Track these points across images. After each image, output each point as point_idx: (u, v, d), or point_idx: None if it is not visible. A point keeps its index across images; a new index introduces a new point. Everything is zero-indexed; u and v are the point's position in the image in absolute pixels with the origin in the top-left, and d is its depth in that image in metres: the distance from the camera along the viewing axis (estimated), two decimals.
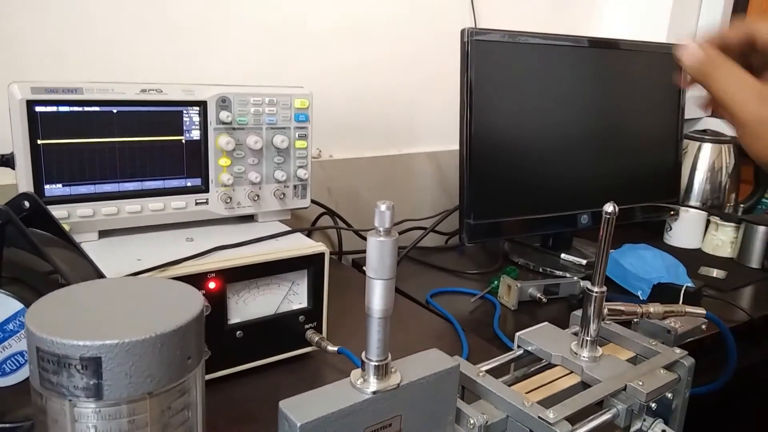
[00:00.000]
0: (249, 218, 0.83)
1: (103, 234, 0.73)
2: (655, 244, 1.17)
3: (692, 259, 1.22)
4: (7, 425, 0.47)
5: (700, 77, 0.50)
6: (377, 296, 0.42)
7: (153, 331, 0.36)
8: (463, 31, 0.99)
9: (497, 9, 1.35)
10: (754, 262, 1.24)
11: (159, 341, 0.36)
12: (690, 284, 1.01)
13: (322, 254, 0.73)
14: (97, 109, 0.69)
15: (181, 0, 0.97)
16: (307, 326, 0.74)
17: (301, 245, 0.74)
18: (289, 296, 0.73)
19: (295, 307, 0.73)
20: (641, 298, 1.03)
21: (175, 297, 0.42)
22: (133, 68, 0.95)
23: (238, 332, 0.69)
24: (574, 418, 0.50)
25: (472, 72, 0.99)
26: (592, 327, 0.58)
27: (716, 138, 1.42)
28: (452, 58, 1.01)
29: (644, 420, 0.56)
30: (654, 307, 0.64)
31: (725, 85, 0.48)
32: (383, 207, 0.41)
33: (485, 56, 1.01)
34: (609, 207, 0.56)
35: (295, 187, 0.84)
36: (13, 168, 0.67)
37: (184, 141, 0.75)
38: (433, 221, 1.16)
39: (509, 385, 0.54)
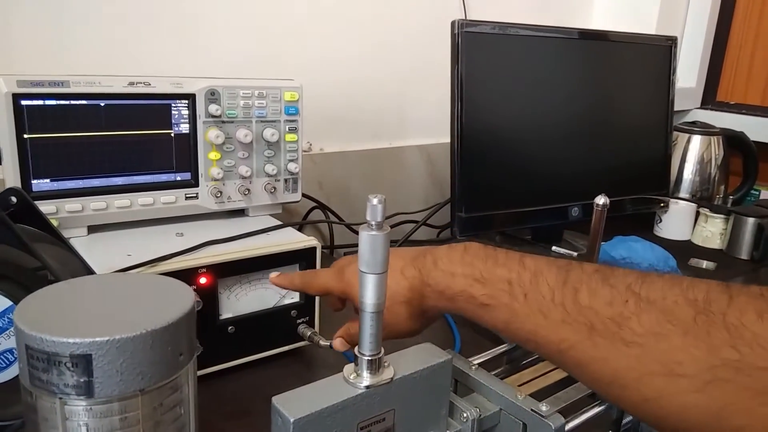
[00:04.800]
0: (240, 212, 0.82)
1: (93, 229, 0.72)
2: (645, 236, 1.17)
3: (682, 250, 1.23)
4: None
5: (300, 287, 0.62)
6: (370, 290, 0.42)
7: (144, 328, 0.36)
8: (453, 23, 0.98)
9: (487, 1, 1.34)
10: (744, 253, 1.25)
11: (150, 338, 0.36)
12: None
13: (314, 248, 0.73)
14: (84, 102, 0.68)
15: None
16: (299, 321, 0.74)
17: (293, 240, 0.74)
18: (280, 291, 0.72)
19: (287, 301, 0.73)
20: None
21: (165, 293, 0.41)
22: (121, 61, 0.93)
23: (230, 327, 0.68)
24: (567, 411, 0.50)
25: (463, 64, 0.99)
26: None
27: (706, 130, 1.43)
28: (442, 50, 1.00)
29: None
30: None
31: (319, 282, 0.59)
32: (375, 201, 0.40)
33: (475, 48, 1.00)
34: (600, 199, 0.56)
35: (285, 180, 0.83)
36: (0, 163, 0.66)
37: (173, 135, 0.74)
38: (425, 214, 1.15)
39: (502, 378, 0.54)
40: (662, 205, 1.33)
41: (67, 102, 0.67)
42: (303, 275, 0.63)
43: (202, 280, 0.65)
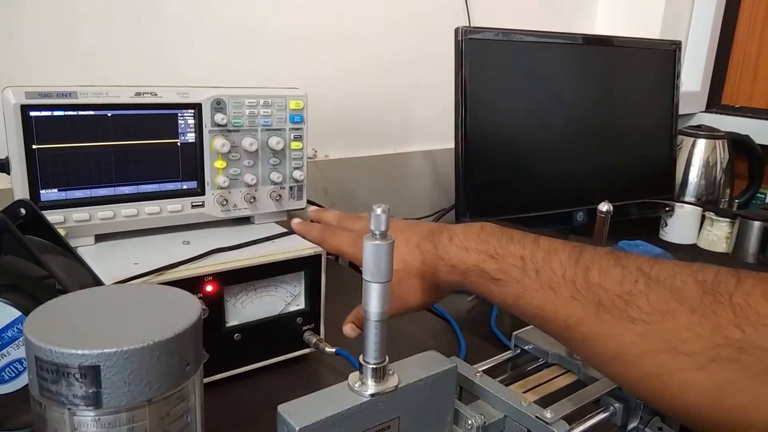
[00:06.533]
0: (245, 220, 0.83)
1: (100, 238, 0.73)
2: (650, 240, 1.18)
3: (688, 254, 1.23)
4: None
5: (317, 241, 0.70)
6: (374, 299, 0.42)
7: (151, 339, 0.36)
8: (457, 30, 0.99)
9: (491, 7, 1.35)
10: (750, 257, 1.24)
11: (157, 349, 0.36)
12: None
13: (319, 256, 0.73)
14: (91, 113, 0.69)
15: (174, 5, 0.97)
16: (304, 328, 0.74)
17: (298, 247, 0.74)
18: (286, 298, 0.73)
19: (293, 308, 0.74)
20: None
21: (172, 304, 0.42)
22: (128, 73, 0.94)
23: (236, 335, 0.69)
24: (572, 417, 0.51)
25: (467, 71, 0.99)
26: None
27: (710, 133, 1.43)
28: (447, 56, 1.01)
29: (641, 418, 0.56)
30: None
31: (335, 242, 0.66)
32: (378, 210, 0.41)
33: (479, 55, 1.01)
34: (604, 206, 0.56)
35: (291, 188, 0.84)
36: (9, 173, 0.67)
37: (179, 144, 0.75)
38: (430, 220, 1.16)
39: (506, 385, 0.55)
40: (667, 209, 1.33)
41: (74, 113, 0.68)
42: (323, 230, 0.68)
43: (208, 288, 0.66)
